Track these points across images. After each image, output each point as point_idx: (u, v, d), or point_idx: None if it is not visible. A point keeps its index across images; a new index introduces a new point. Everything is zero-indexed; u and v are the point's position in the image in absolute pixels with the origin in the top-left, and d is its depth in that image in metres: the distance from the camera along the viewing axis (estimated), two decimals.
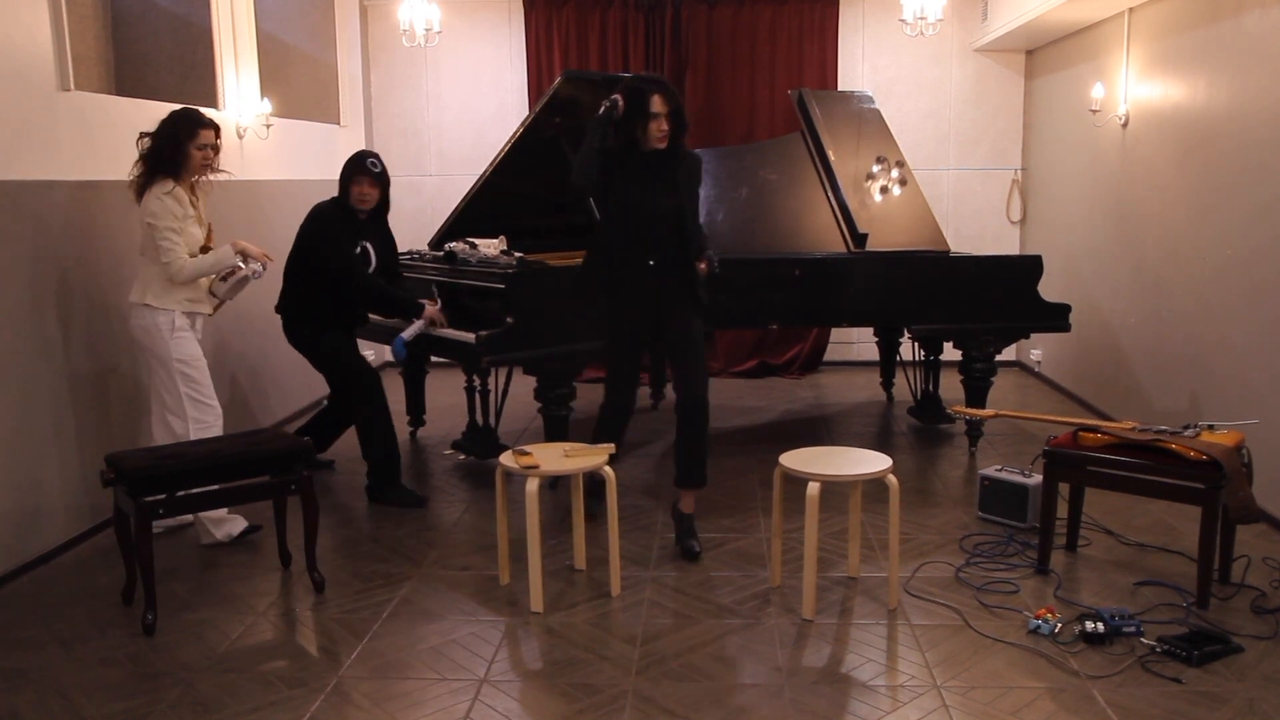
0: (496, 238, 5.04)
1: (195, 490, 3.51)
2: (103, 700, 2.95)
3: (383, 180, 4.66)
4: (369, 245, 4.69)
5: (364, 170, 4.59)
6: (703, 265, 3.95)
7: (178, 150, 4.02)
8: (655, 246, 3.92)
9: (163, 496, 3.40)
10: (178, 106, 4.18)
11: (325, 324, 4.74)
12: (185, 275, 4.04)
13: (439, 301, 4.79)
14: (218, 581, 3.85)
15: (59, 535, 4.13)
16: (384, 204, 4.73)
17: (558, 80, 4.96)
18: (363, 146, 7.54)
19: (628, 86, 3.86)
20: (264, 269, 4.29)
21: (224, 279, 4.23)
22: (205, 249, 4.16)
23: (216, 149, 4.15)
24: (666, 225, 3.91)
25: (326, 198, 4.79)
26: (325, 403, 5.32)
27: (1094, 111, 6.00)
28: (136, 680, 3.08)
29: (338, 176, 4.69)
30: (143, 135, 4.05)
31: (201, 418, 4.10)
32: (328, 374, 4.97)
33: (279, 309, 4.89)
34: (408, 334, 4.62)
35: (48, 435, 4.06)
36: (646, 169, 3.90)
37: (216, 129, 4.15)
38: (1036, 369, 7.47)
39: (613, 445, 3.77)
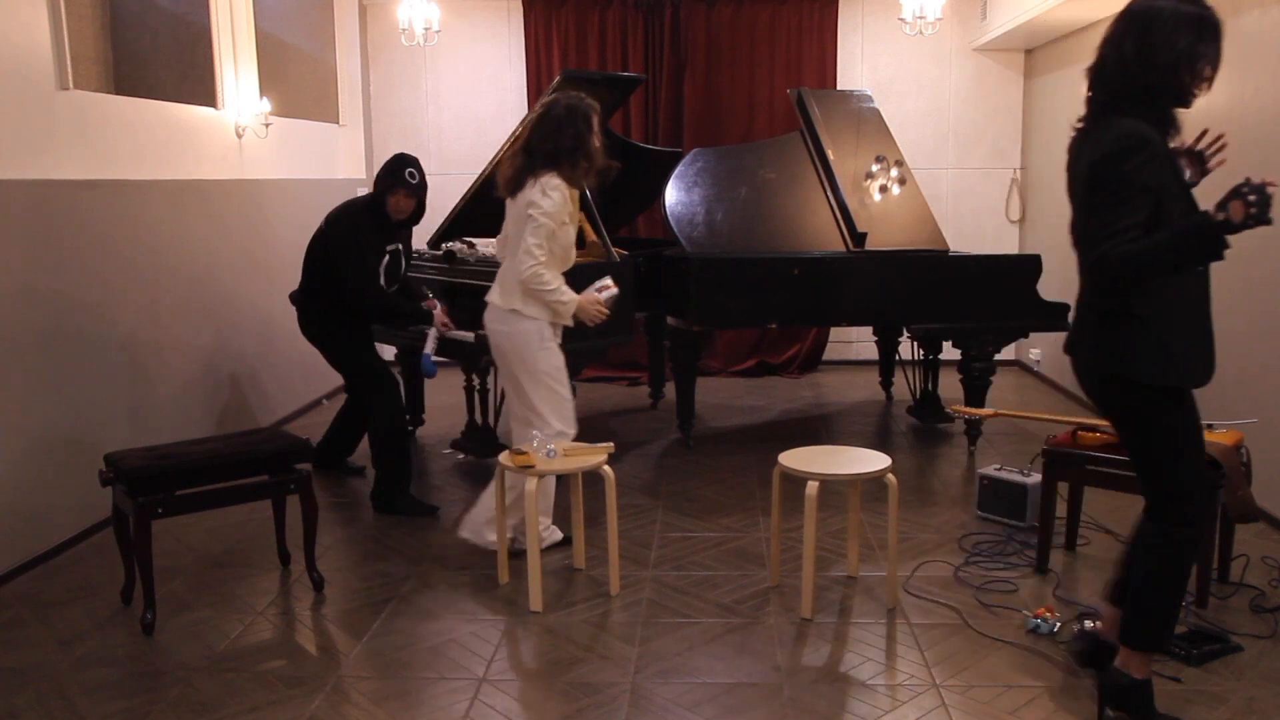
0: (495, 237, 5.03)
1: (194, 489, 3.50)
2: (101, 700, 2.95)
3: (421, 190, 4.54)
4: (400, 248, 4.62)
5: (402, 183, 4.43)
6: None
7: (580, 145, 3.72)
8: None
9: (161, 496, 3.40)
10: (573, 96, 3.79)
11: (342, 321, 4.63)
12: (548, 290, 3.74)
13: (440, 305, 4.73)
14: (217, 581, 3.85)
15: (58, 534, 4.13)
16: (419, 211, 4.65)
17: (557, 79, 4.96)
18: (361, 146, 7.56)
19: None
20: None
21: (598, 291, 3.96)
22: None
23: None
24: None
25: (360, 195, 4.75)
26: (342, 406, 5.15)
27: None
28: (135, 680, 3.08)
29: (375, 176, 4.57)
30: (548, 117, 3.74)
31: (566, 430, 3.87)
32: (345, 373, 4.88)
33: (295, 300, 4.80)
34: (431, 349, 4.56)
35: (45, 434, 4.05)
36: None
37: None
38: (1035, 368, 7.48)
39: (611, 444, 3.77)
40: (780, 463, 3.55)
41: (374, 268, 4.48)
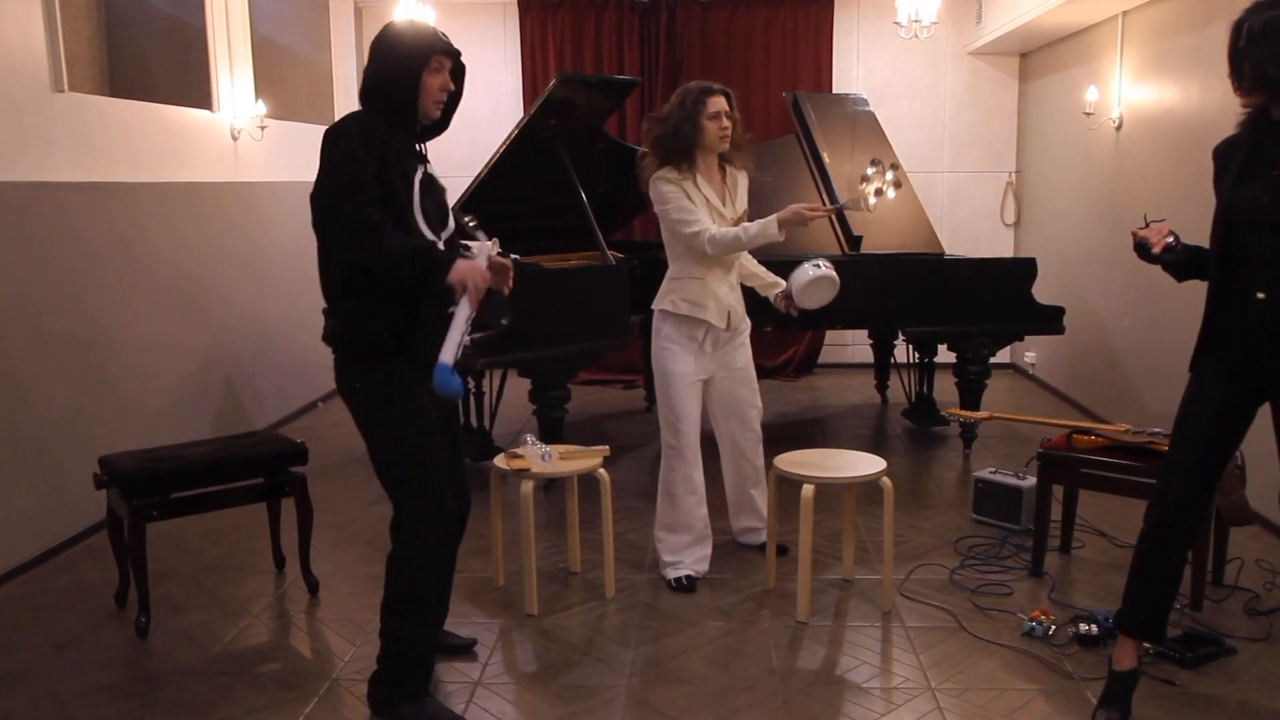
0: (491, 240, 5.03)
1: (189, 492, 3.50)
2: (96, 703, 2.94)
3: (461, 71, 2.84)
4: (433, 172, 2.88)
5: (444, 48, 2.72)
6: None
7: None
8: None
9: (156, 498, 3.39)
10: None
11: (379, 342, 2.77)
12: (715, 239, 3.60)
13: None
14: (211, 584, 3.84)
15: (52, 537, 4.12)
16: (450, 110, 2.87)
17: (552, 82, 4.96)
18: None
19: None
20: None
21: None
22: None
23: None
24: None
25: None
26: None
27: (1088, 114, 6.01)
28: (130, 683, 3.07)
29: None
30: None
31: (672, 441, 3.78)
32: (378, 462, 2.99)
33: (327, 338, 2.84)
34: (459, 340, 2.70)
35: (40, 436, 4.04)
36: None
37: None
38: (1031, 371, 7.48)
39: (607, 448, 3.76)
40: (776, 466, 3.55)
41: (365, 194, 2.58)
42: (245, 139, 5.76)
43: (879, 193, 4.03)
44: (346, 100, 7.40)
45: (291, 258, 6.30)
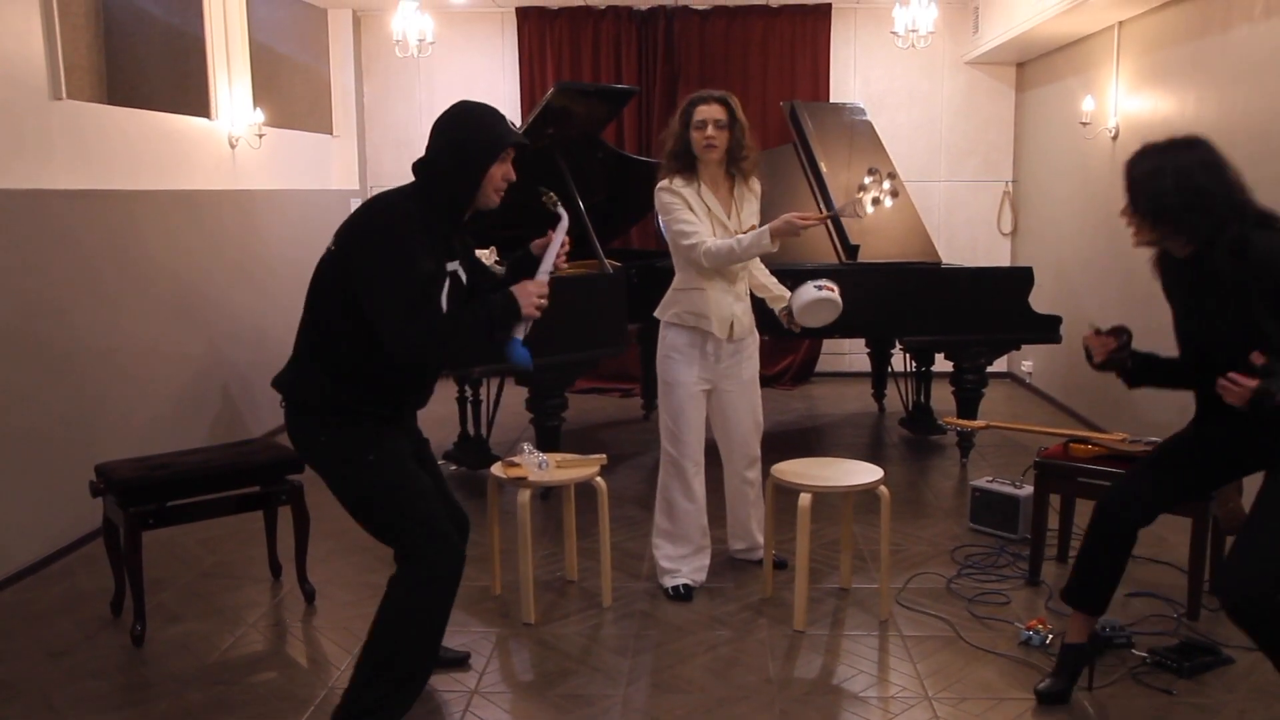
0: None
1: (185, 500, 3.49)
2: (91, 712, 2.93)
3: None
4: (460, 268, 2.72)
5: (513, 138, 2.68)
6: None
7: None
8: None
9: (152, 506, 3.39)
10: None
11: (360, 409, 2.67)
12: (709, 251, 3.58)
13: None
14: (207, 593, 3.83)
15: (48, 545, 4.11)
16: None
17: (550, 91, 4.97)
18: (355, 157, 7.56)
19: None
20: None
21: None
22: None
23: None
24: None
25: (399, 188, 2.73)
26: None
27: (1084, 124, 6.03)
28: (125, 692, 3.06)
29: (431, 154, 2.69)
30: None
31: (669, 449, 3.78)
32: (363, 519, 2.78)
33: (279, 384, 2.78)
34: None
35: (36, 444, 4.04)
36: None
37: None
38: (1028, 380, 7.49)
39: (604, 456, 3.76)
40: (773, 474, 3.55)
41: (431, 293, 2.54)
42: (243, 147, 5.76)
43: (876, 202, 4.03)
44: (344, 108, 7.41)
45: (289, 266, 6.30)
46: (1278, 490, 2.58)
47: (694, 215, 3.57)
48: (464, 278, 2.70)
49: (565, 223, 2.86)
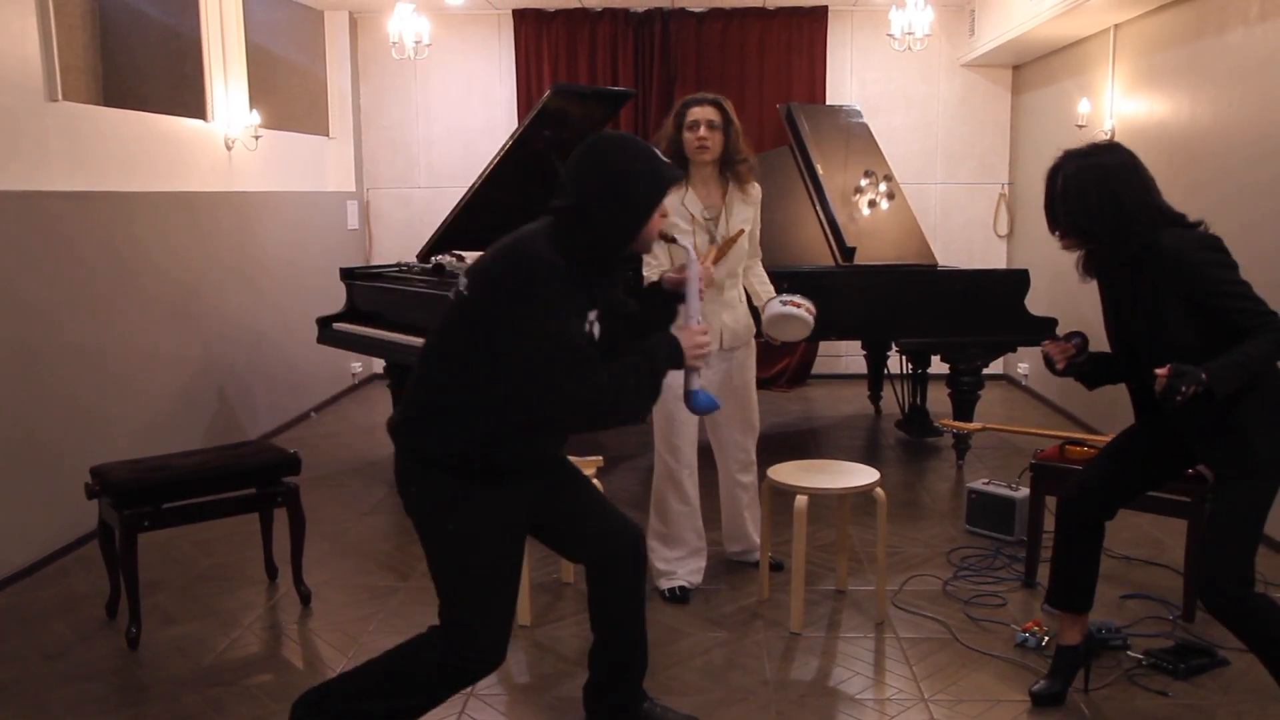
0: (485, 251, 5.04)
1: (181, 502, 3.49)
2: (86, 715, 2.93)
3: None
4: (598, 314, 2.43)
5: (674, 176, 2.41)
6: None
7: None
8: None
9: (148, 509, 3.38)
10: None
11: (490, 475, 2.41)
12: None
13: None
14: (203, 595, 3.82)
15: (43, 547, 4.10)
16: None
17: (547, 93, 4.97)
18: (351, 159, 7.56)
19: None
20: None
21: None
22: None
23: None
24: None
25: (533, 227, 2.44)
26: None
27: (1080, 126, 6.04)
28: (120, 694, 3.05)
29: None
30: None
31: (664, 453, 3.77)
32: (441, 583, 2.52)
33: (393, 428, 2.46)
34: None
35: (31, 446, 4.03)
36: None
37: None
38: (1024, 382, 7.50)
39: (600, 458, 3.76)
40: (769, 477, 3.55)
41: (586, 348, 2.33)
42: (239, 149, 5.76)
43: (872, 204, 4.04)
44: (340, 110, 7.41)
45: (285, 268, 6.30)
46: (1225, 492, 2.66)
47: (675, 221, 3.52)
48: (599, 328, 2.42)
49: (693, 253, 2.59)
